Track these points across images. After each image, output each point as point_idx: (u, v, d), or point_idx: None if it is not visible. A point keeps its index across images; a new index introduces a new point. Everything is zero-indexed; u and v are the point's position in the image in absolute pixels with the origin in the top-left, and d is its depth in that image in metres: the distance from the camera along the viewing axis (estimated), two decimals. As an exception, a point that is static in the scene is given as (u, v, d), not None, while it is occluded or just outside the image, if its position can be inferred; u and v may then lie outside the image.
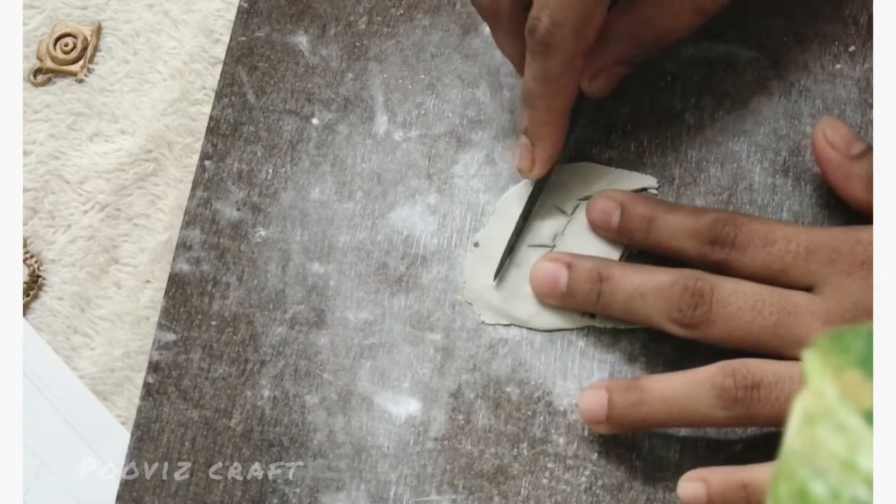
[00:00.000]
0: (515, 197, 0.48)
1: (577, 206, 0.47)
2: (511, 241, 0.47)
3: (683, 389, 0.41)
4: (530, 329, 0.46)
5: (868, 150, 0.43)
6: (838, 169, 0.44)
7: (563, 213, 0.47)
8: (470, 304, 0.47)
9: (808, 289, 0.42)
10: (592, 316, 0.46)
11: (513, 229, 0.47)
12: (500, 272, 0.46)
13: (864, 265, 0.40)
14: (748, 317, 0.41)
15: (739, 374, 0.40)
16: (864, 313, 0.40)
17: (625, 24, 0.45)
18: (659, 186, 0.47)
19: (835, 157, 0.44)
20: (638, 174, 0.48)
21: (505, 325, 0.46)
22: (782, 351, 0.41)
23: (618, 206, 0.45)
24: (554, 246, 0.47)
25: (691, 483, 0.41)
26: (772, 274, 0.42)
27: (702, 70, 0.49)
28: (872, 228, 0.41)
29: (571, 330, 0.46)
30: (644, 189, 0.47)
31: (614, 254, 0.46)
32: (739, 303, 0.41)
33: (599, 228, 0.45)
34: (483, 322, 0.46)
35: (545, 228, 0.47)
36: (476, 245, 0.47)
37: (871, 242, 0.41)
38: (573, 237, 0.47)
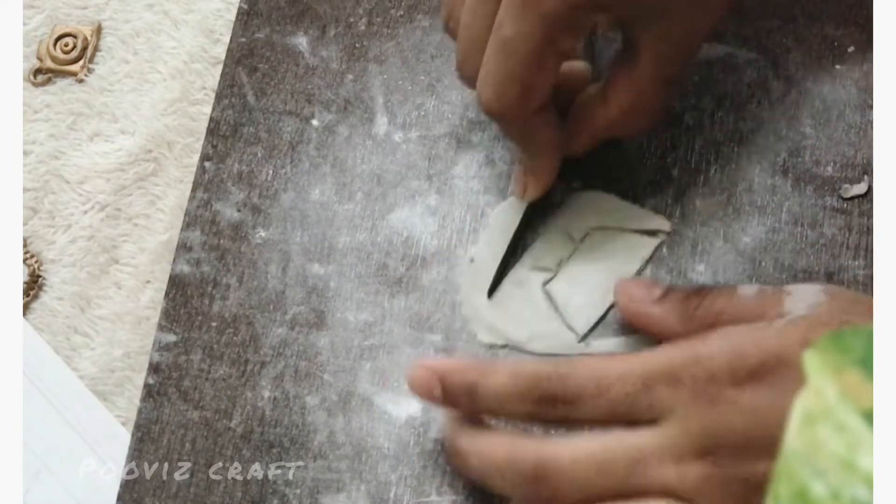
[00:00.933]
0: (509, 209, 0.48)
1: (586, 235, 0.47)
2: (503, 261, 0.47)
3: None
4: (525, 352, 0.46)
5: (669, 290, 0.43)
6: (646, 315, 0.43)
7: (572, 239, 0.47)
8: (466, 320, 0.46)
9: (655, 421, 0.38)
10: (586, 343, 0.45)
11: (506, 247, 0.47)
12: (494, 290, 0.46)
13: (708, 386, 0.37)
14: (597, 482, 0.38)
15: None
16: (713, 438, 0.37)
17: (606, 120, 0.45)
18: (671, 232, 0.47)
19: (639, 307, 0.43)
20: (652, 214, 0.47)
21: (500, 346, 0.46)
22: (644, 496, 0.38)
23: (436, 377, 0.41)
24: (556, 274, 0.47)
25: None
26: (615, 419, 0.39)
27: (701, 71, 0.49)
28: (708, 339, 0.38)
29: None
30: (655, 232, 0.47)
31: (614, 293, 0.46)
32: (584, 471, 0.38)
33: (424, 399, 0.43)
34: (479, 340, 0.46)
35: (551, 253, 0.47)
36: (472, 261, 0.47)
37: (710, 357, 0.37)
38: (577, 266, 0.47)
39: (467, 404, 0.41)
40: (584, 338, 0.46)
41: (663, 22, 0.42)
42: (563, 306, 0.46)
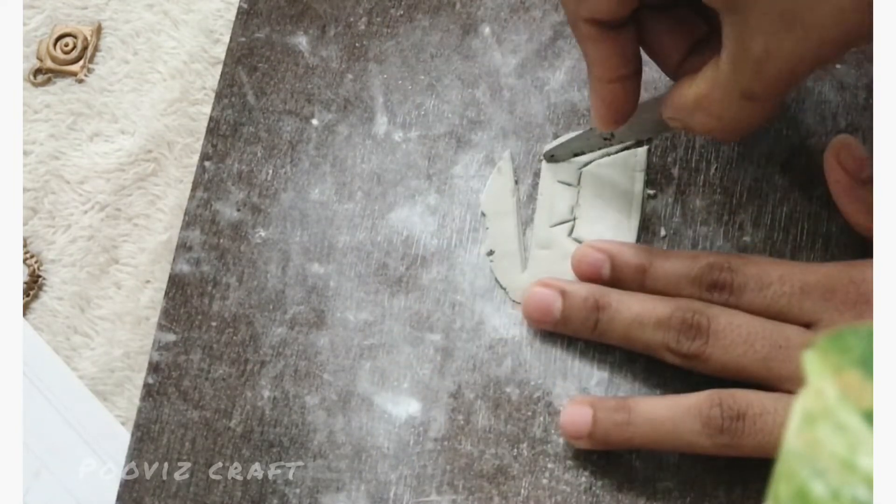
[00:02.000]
0: (497, 191, 0.48)
1: (580, 175, 0.47)
2: (520, 232, 0.47)
3: (670, 415, 0.42)
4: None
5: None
6: (845, 192, 0.44)
7: (570, 185, 0.47)
8: (520, 303, 0.46)
9: (805, 326, 0.42)
10: None
11: (517, 221, 0.47)
12: (527, 260, 0.47)
13: (857, 304, 0.41)
14: (741, 350, 0.42)
15: (726, 405, 0.41)
16: None
17: (675, 103, 0.41)
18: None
19: (844, 180, 0.44)
20: (632, 149, 0.48)
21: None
22: (772, 383, 0.42)
23: (607, 257, 0.45)
24: (575, 218, 0.47)
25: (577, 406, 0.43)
26: (770, 317, 0.43)
27: (702, 70, 0.49)
28: (867, 265, 0.42)
29: None
30: (640, 142, 0.48)
31: (635, 213, 0.47)
32: (733, 335, 0.42)
33: (587, 280, 0.45)
34: None
35: (559, 205, 0.47)
36: (491, 252, 0.47)
37: (864, 281, 0.41)
38: (589, 204, 0.47)
39: (637, 284, 0.44)
40: None
41: (743, 19, 0.36)
42: None
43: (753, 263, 0.43)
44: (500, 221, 0.48)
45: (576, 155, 0.48)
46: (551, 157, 0.48)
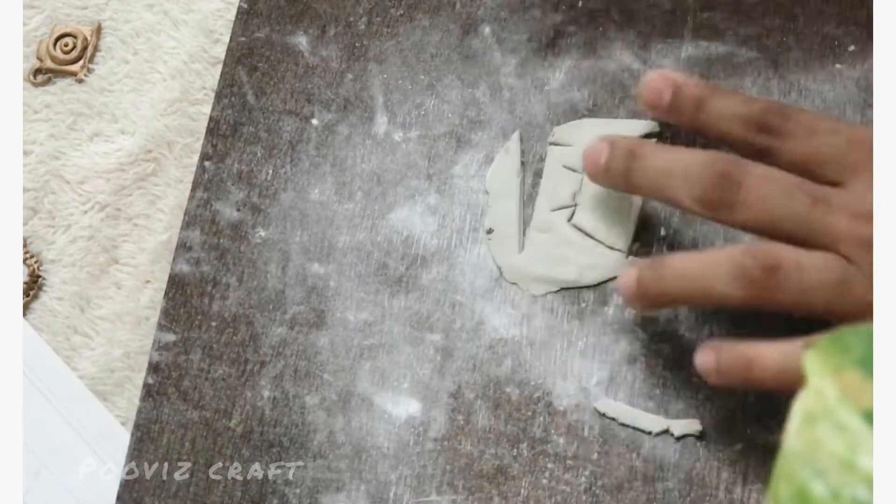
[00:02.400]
0: (502, 171, 0.48)
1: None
2: (521, 213, 0.47)
3: (703, 266, 0.41)
4: (581, 287, 0.46)
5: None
6: None
7: (574, 171, 0.47)
8: (514, 283, 0.47)
9: (840, 183, 0.42)
10: (635, 256, 0.46)
11: (519, 203, 0.48)
12: (524, 241, 0.47)
13: None
14: (779, 202, 0.41)
15: (760, 255, 0.40)
16: None
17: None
18: (661, 131, 0.48)
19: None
20: (639, 121, 0.48)
21: (556, 292, 0.47)
22: (808, 239, 0.41)
23: (670, 85, 0.44)
24: (576, 205, 0.47)
25: (704, 353, 0.42)
26: (810, 165, 0.42)
27: (702, 70, 0.49)
28: None
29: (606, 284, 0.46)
30: (648, 135, 0.48)
31: (636, 201, 0.47)
32: (770, 187, 0.41)
33: (649, 107, 0.45)
34: (534, 295, 0.47)
35: (562, 189, 0.48)
36: (490, 231, 0.48)
37: None
38: (591, 191, 0.47)
39: (690, 116, 0.44)
40: (632, 251, 0.47)
41: None
42: (596, 231, 0.47)
43: (807, 113, 0.43)
44: (501, 201, 0.48)
45: None
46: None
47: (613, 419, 0.45)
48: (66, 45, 0.54)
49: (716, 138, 0.44)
